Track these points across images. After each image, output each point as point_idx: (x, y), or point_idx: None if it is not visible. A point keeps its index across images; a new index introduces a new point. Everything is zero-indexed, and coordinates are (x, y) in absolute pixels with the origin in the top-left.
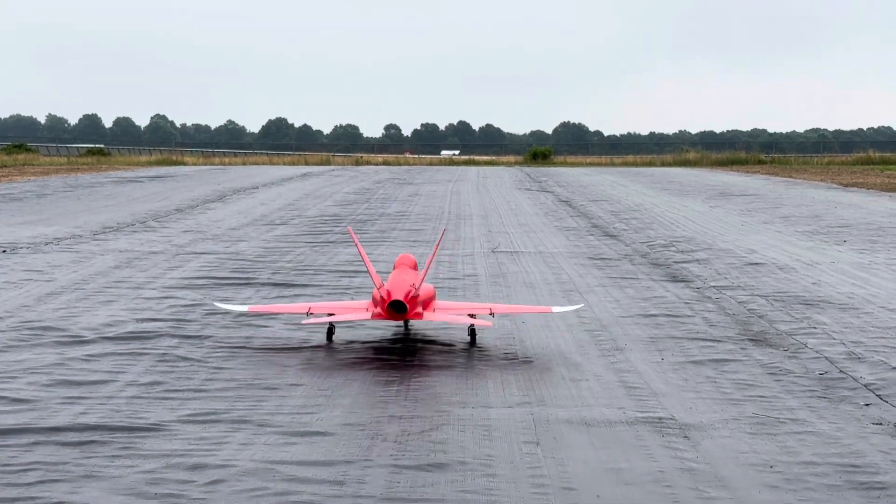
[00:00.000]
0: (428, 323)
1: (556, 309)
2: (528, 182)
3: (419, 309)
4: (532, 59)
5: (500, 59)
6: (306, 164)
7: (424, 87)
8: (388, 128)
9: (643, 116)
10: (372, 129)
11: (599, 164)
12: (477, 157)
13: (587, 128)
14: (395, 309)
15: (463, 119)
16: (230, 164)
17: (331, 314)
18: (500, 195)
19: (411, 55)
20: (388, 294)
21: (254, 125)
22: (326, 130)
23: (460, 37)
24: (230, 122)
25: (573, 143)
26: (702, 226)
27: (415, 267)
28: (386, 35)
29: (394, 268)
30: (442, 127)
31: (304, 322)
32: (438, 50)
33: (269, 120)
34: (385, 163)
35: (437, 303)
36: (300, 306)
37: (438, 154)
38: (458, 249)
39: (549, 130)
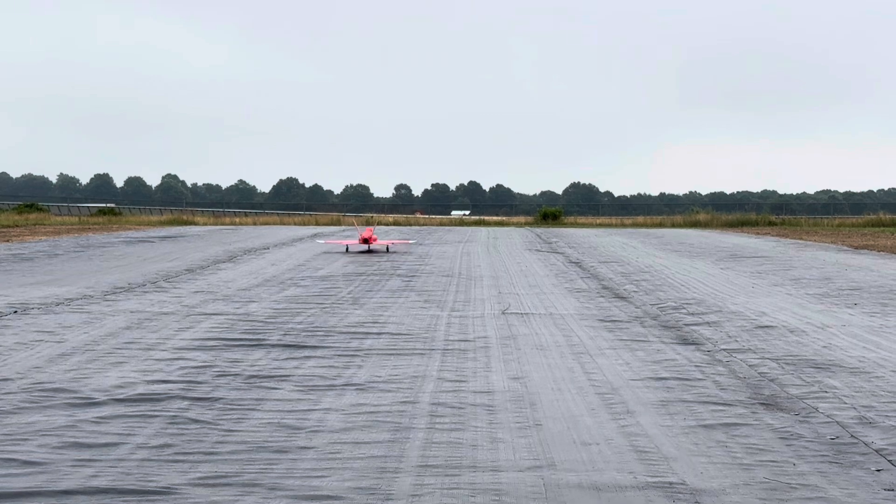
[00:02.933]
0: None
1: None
2: (539, 243)
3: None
4: (542, 119)
5: (511, 120)
6: (317, 224)
7: (435, 148)
8: (399, 188)
9: (653, 177)
10: (382, 189)
11: (609, 225)
12: (487, 218)
13: (597, 188)
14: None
15: (473, 179)
16: (241, 224)
17: None
18: (510, 256)
19: (422, 116)
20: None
21: (264, 185)
22: (337, 190)
23: (471, 97)
24: (241, 181)
25: (583, 203)
26: (712, 288)
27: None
28: (397, 96)
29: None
30: (452, 187)
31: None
32: (449, 111)
33: (280, 180)
34: (395, 223)
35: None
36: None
37: (449, 214)
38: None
39: (559, 191)
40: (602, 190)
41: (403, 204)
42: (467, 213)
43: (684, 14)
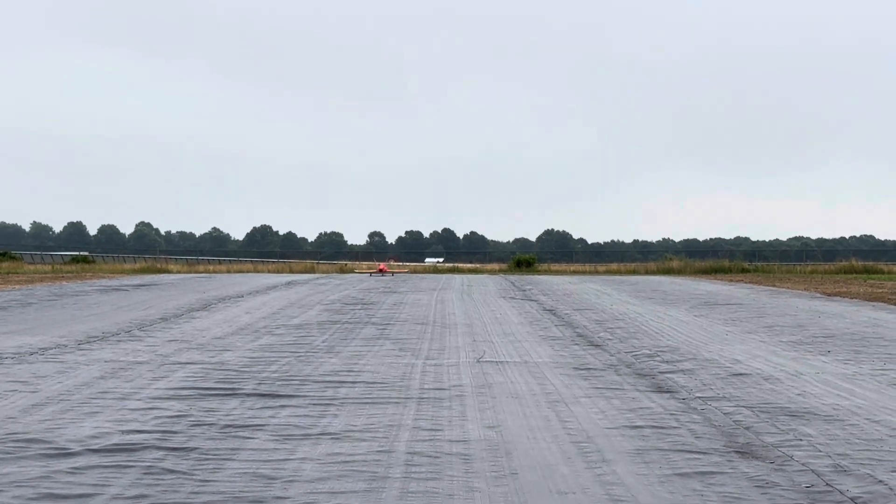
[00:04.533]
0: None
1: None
2: (513, 290)
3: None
4: (516, 166)
5: (484, 167)
6: (291, 271)
7: (408, 195)
8: (373, 235)
9: (627, 224)
10: (356, 237)
11: (584, 272)
12: (461, 265)
13: (571, 235)
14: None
15: (447, 226)
16: (215, 271)
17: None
18: (484, 304)
19: (396, 162)
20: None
21: (238, 232)
22: (311, 238)
23: (444, 145)
24: (215, 229)
25: (557, 250)
26: (686, 335)
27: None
28: (370, 143)
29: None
30: (426, 234)
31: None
32: (422, 157)
33: (254, 227)
34: (355, 271)
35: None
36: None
37: (423, 261)
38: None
39: (533, 238)
40: (576, 237)
41: (377, 251)
42: (441, 260)
43: (656, 60)
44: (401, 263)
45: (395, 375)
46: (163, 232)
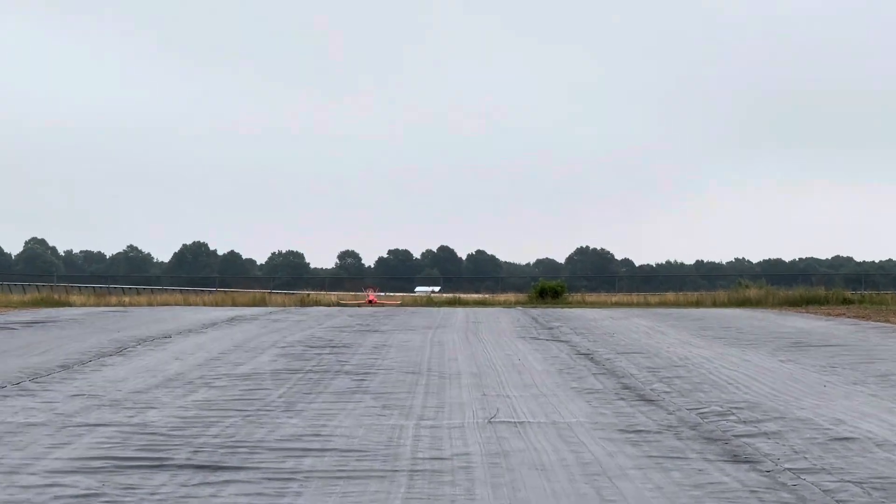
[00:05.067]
0: None
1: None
2: (535, 328)
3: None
4: (538, 164)
5: (494, 165)
6: (234, 304)
7: (392, 202)
8: (344, 256)
9: (687, 241)
10: (322, 258)
11: (629, 305)
12: (464, 296)
13: (612, 255)
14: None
15: (445, 244)
16: (132, 304)
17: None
18: (497, 346)
19: (375, 160)
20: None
21: (163, 252)
22: (261, 259)
23: (440, 135)
24: (131, 248)
25: (594, 276)
26: (770, 387)
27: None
28: (341, 134)
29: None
30: (416, 254)
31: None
32: (411, 152)
33: (184, 245)
34: (341, 303)
35: None
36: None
37: (412, 291)
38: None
39: (561, 259)
40: (619, 257)
41: (351, 277)
42: (437, 289)
43: (731, 20)
44: (383, 294)
45: (377, 441)
46: (61, 252)
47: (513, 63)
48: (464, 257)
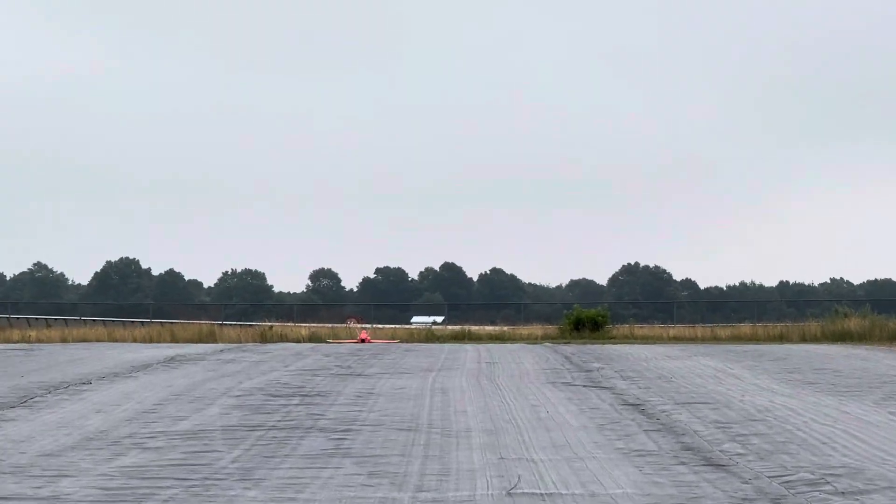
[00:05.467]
0: None
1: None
2: (569, 371)
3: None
4: (572, 159)
5: (512, 159)
6: (174, 339)
7: (380, 207)
8: (318, 277)
9: (768, 256)
10: (289, 280)
11: (692, 339)
12: (475, 328)
13: (669, 275)
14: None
15: (450, 260)
16: (40, 340)
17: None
18: (518, 395)
19: (358, 152)
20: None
21: (81, 273)
22: (209, 282)
23: (440, 120)
24: (39, 266)
25: (645, 301)
26: (876, 447)
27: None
28: (313, 118)
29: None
30: (413, 275)
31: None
32: (404, 141)
33: (108, 263)
34: (313, 338)
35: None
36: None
37: (408, 322)
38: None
39: (602, 280)
40: (678, 278)
41: (327, 304)
42: (440, 319)
43: None
44: (368, 326)
45: None
46: None
47: (537, 28)
48: (474, 278)
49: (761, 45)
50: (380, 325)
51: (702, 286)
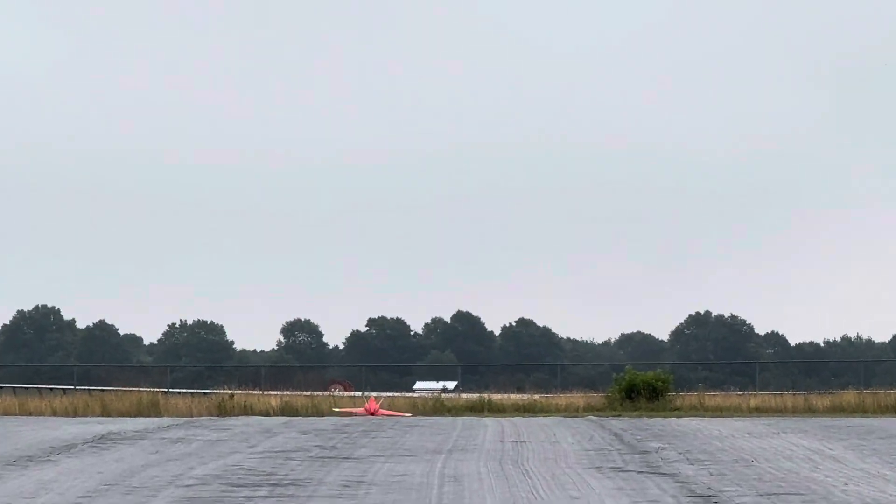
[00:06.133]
0: None
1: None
2: (619, 452)
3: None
4: (620, 184)
5: (544, 182)
6: (105, 412)
7: (374, 244)
8: (293, 330)
9: (875, 305)
10: (255, 335)
11: (779, 411)
12: (497, 397)
13: (749, 327)
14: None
15: (464, 309)
16: None
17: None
18: (553, 484)
19: (344, 173)
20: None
21: None
22: (152, 337)
23: (450, 140)
24: None
25: (720, 362)
26: None
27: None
28: (285, 128)
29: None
30: (417, 328)
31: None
32: (404, 167)
33: (20, 313)
34: (286, 409)
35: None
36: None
37: (410, 389)
38: None
39: (662, 335)
40: (760, 331)
41: (304, 367)
42: (451, 385)
43: None
44: (360, 394)
45: None
46: None
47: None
48: (496, 331)
49: (842, 77)
50: (373, 393)
51: (792, 342)
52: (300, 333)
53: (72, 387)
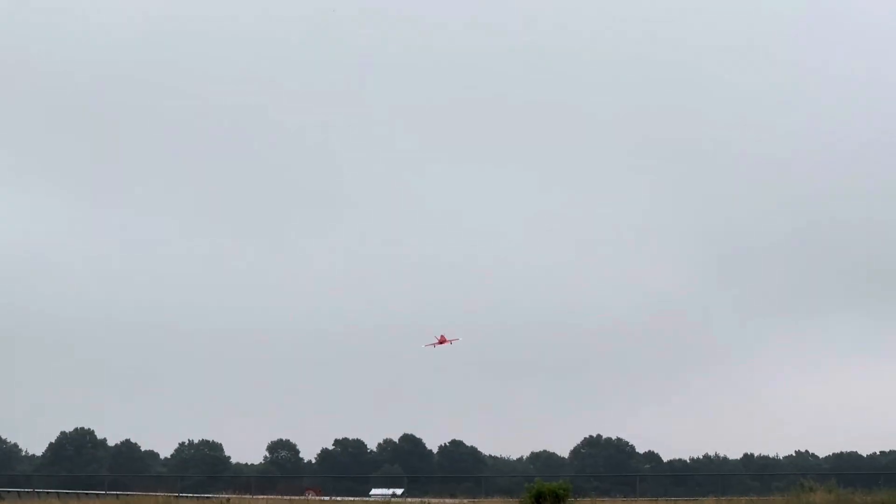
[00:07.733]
0: None
1: None
2: None
3: None
4: (533, 328)
5: (477, 325)
6: None
7: (339, 378)
8: (276, 448)
9: (733, 428)
10: (247, 451)
11: None
12: (436, 501)
13: (632, 448)
14: None
15: (409, 432)
16: None
17: None
18: None
19: (315, 319)
20: None
21: (35, 443)
22: (166, 452)
23: (399, 286)
24: None
25: (609, 474)
26: None
27: None
28: (259, 269)
29: None
30: (372, 446)
31: None
32: (360, 311)
33: (63, 434)
34: None
35: None
36: None
37: (367, 495)
38: None
39: (563, 452)
40: (641, 450)
41: (284, 476)
42: (400, 492)
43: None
44: (327, 499)
45: None
46: None
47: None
48: (434, 450)
49: (729, 219)
50: (338, 498)
51: (665, 458)
52: (282, 450)
53: (104, 492)
